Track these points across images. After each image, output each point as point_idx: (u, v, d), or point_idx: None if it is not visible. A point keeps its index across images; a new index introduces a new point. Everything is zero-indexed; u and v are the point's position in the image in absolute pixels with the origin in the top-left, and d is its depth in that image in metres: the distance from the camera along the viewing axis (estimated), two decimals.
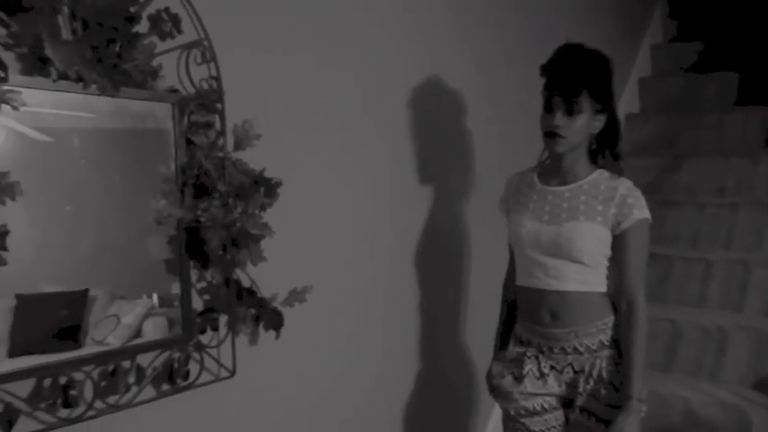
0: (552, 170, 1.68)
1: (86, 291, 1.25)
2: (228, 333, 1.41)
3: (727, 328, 2.59)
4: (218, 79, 1.38)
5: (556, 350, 1.62)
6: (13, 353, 1.12)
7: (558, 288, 1.59)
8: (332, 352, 1.73)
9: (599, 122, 1.59)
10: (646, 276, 2.74)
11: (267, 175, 1.43)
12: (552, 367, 1.63)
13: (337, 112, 1.71)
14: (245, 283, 1.44)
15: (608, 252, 1.59)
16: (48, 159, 1.19)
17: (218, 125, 1.38)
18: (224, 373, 1.42)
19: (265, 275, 1.46)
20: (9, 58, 1.07)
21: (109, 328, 1.27)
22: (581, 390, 1.59)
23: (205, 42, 1.35)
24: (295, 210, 1.54)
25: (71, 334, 1.23)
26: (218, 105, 1.38)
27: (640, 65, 3.91)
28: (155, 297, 1.35)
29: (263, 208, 1.43)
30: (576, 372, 1.60)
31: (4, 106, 1.04)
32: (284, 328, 1.49)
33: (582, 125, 1.56)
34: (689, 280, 2.90)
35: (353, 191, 1.77)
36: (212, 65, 1.37)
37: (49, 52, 1.10)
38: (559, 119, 1.55)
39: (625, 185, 1.57)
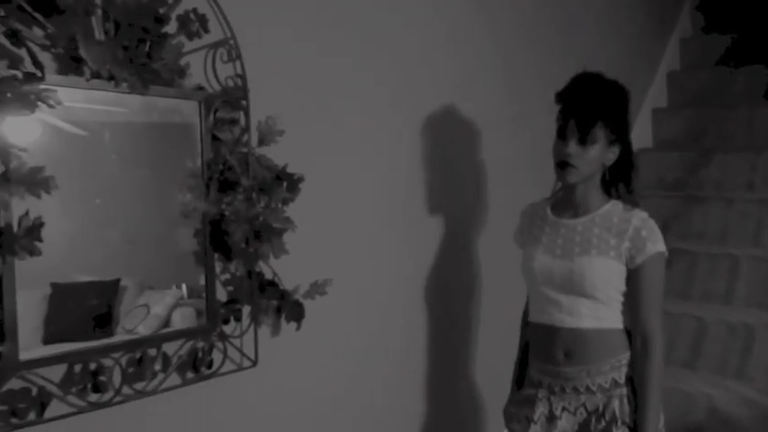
0: (565, 202, 1.63)
1: (118, 281, 1.31)
2: (251, 324, 1.46)
3: (754, 325, 2.55)
4: (243, 77, 1.42)
5: (568, 390, 1.56)
6: (48, 340, 1.18)
7: (571, 325, 1.55)
8: (351, 344, 1.76)
9: (613, 154, 1.55)
10: (674, 275, 2.75)
11: (289, 170, 1.47)
12: (564, 408, 1.57)
13: (358, 110, 1.74)
14: (268, 276, 1.48)
15: (622, 287, 1.54)
16: (80, 153, 1.24)
17: (242, 122, 1.42)
18: (246, 363, 1.46)
19: (287, 268, 1.50)
20: (45, 58, 1.12)
21: (139, 317, 1.32)
22: (593, 430, 1.53)
23: (231, 41, 1.39)
24: (316, 204, 1.57)
25: (103, 322, 1.29)
26: (243, 102, 1.42)
27: (669, 58, 3.85)
28: (183, 288, 1.40)
29: (285, 202, 1.47)
30: (588, 412, 1.55)
31: (40, 104, 1.08)
32: (305, 320, 1.53)
33: (595, 156, 1.52)
34: (715, 276, 2.86)
35: (373, 186, 1.80)
36: (238, 63, 1.41)
37: (82, 52, 1.15)
38: (572, 148, 1.51)
39: (639, 217, 1.52)
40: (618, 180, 1.60)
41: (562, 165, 1.53)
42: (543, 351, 1.61)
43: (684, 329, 2.64)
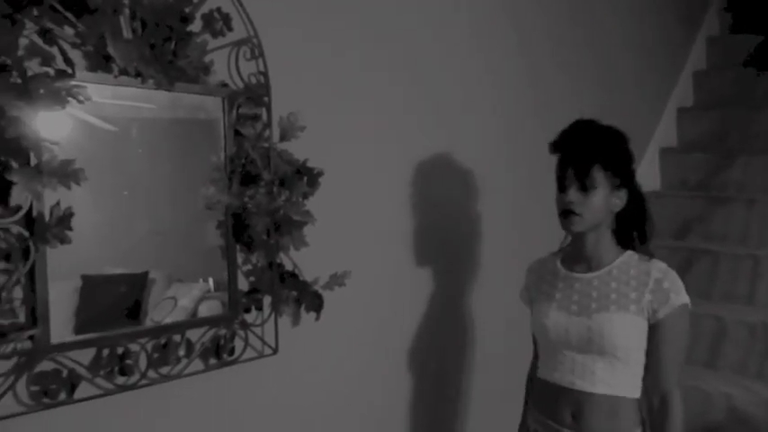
0: (575, 255, 1.56)
1: (146, 273, 1.35)
2: (272, 313, 1.50)
3: None
4: (265, 74, 1.46)
5: None
6: (79, 330, 1.22)
7: (582, 388, 1.46)
8: (368, 335, 1.79)
9: (619, 200, 1.48)
10: (695, 276, 2.74)
11: (309, 165, 1.51)
12: None
13: (376, 108, 1.77)
14: (288, 267, 1.52)
15: (644, 344, 1.45)
16: (109, 148, 1.28)
17: (264, 117, 1.46)
18: (267, 351, 1.51)
19: (307, 260, 1.54)
20: (76, 55, 1.17)
21: (167, 309, 1.36)
22: None
23: (254, 39, 1.44)
24: (335, 198, 1.61)
25: (132, 314, 1.33)
26: (265, 99, 1.46)
27: (695, 58, 3.81)
28: (210, 281, 1.44)
29: (305, 196, 1.51)
30: None
31: (71, 100, 1.14)
32: (324, 311, 1.56)
33: (599, 202, 1.44)
34: (737, 277, 2.85)
35: (390, 181, 1.83)
36: (260, 61, 1.45)
37: (111, 50, 1.20)
38: (573, 195, 1.45)
39: (658, 267, 1.45)
40: (630, 229, 1.53)
41: (565, 214, 1.47)
42: (549, 409, 1.54)
43: (705, 329, 2.63)
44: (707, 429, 2.28)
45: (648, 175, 3.33)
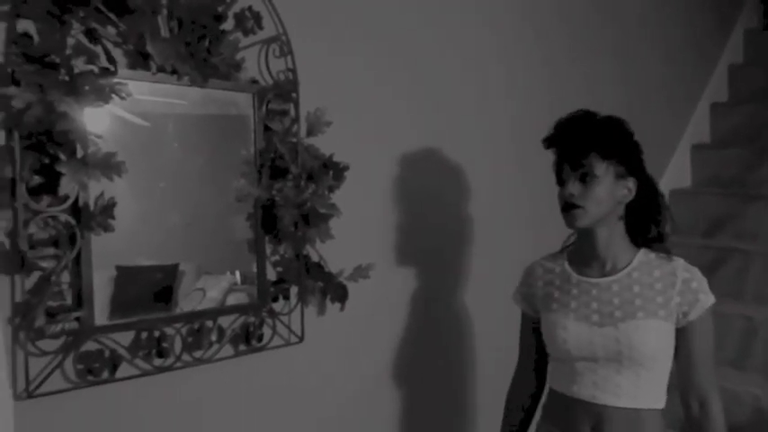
0: (585, 255, 1.43)
1: (177, 265, 1.42)
2: (298, 303, 1.56)
3: None
4: (294, 71, 1.52)
5: None
6: (114, 316, 1.29)
7: (605, 402, 1.34)
8: (392, 326, 1.84)
9: (626, 189, 1.37)
10: (725, 275, 2.70)
11: (335, 159, 1.56)
12: None
13: (401, 102, 1.82)
14: (314, 258, 1.58)
15: (672, 350, 1.36)
16: (145, 142, 1.35)
17: (292, 113, 1.52)
18: (294, 339, 1.57)
19: (332, 252, 1.59)
20: (117, 54, 1.25)
21: (196, 300, 1.43)
22: None
23: (283, 37, 1.50)
24: (360, 192, 1.66)
25: (164, 301, 1.39)
26: (294, 95, 1.52)
27: (731, 51, 3.71)
28: (237, 274, 1.50)
29: (331, 189, 1.56)
30: None
31: (113, 96, 1.21)
32: (348, 301, 1.62)
33: (602, 192, 1.34)
34: None
35: (413, 176, 1.86)
36: (289, 58, 1.51)
37: (150, 48, 1.27)
38: (573, 187, 1.35)
39: (683, 267, 1.36)
40: (644, 223, 1.42)
41: (567, 208, 1.36)
42: (564, 421, 1.42)
43: (734, 329, 2.60)
44: (734, 429, 2.27)
45: (679, 171, 3.30)
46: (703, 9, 3.42)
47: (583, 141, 1.35)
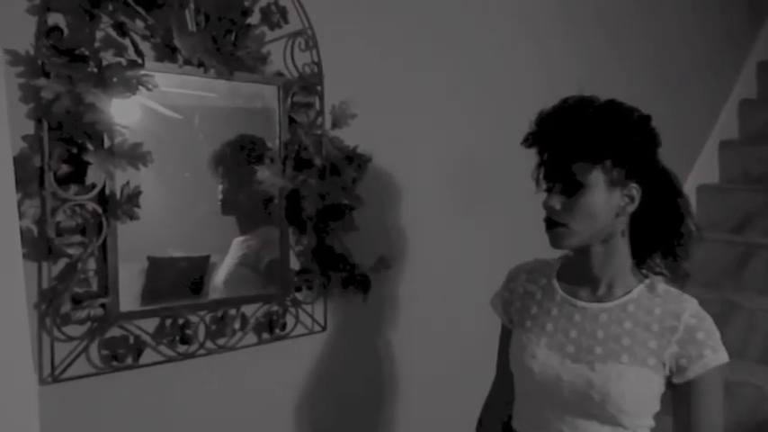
0: (578, 271, 1.18)
1: (208, 257, 1.44)
2: (321, 292, 1.57)
3: None
4: (318, 64, 1.53)
5: None
6: (145, 304, 1.32)
7: None
8: (413, 317, 1.84)
9: (628, 198, 1.09)
10: (752, 271, 2.66)
11: (359, 151, 1.57)
12: None
13: (425, 95, 1.82)
14: (338, 249, 1.59)
15: (657, 407, 1.11)
16: (172, 133, 1.37)
17: (317, 105, 1.53)
18: (316, 328, 1.58)
19: (356, 243, 1.60)
20: (145, 47, 1.27)
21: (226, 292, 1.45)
22: None
23: (309, 31, 1.51)
24: (383, 184, 1.67)
25: (195, 290, 1.41)
26: (319, 88, 1.53)
27: (761, 47, 3.67)
28: None
29: (354, 181, 1.57)
30: None
31: (140, 87, 1.23)
32: (371, 292, 1.63)
33: (592, 206, 1.07)
34: None
35: (436, 168, 1.86)
36: (314, 51, 1.52)
37: (177, 42, 1.29)
38: (554, 199, 1.09)
39: (692, 311, 1.09)
40: (654, 242, 1.15)
41: (548, 224, 1.12)
42: None
43: (761, 325, 2.56)
44: (759, 425, 2.23)
45: (707, 167, 3.26)
46: (734, 5, 3.36)
47: (567, 143, 1.07)
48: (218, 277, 1.43)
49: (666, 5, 2.80)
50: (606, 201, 1.08)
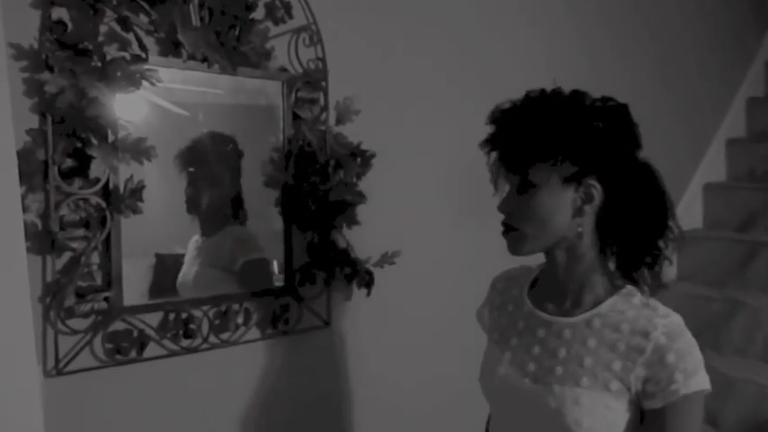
0: (547, 281, 1.09)
1: None
2: (325, 288, 1.57)
3: None
4: (323, 60, 1.53)
5: None
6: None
7: None
8: (417, 312, 1.84)
9: (585, 196, 0.98)
10: (757, 269, 2.65)
11: (362, 147, 1.57)
12: None
13: (428, 91, 1.81)
14: (341, 245, 1.59)
15: None
16: (177, 128, 1.37)
17: (321, 101, 1.53)
18: (320, 323, 1.58)
19: (359, 239, 1.60)
20: (149, 42, 1.27)
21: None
22: None
23: (313, 27, 1.51)
24: (387, 180, 1.66)
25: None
26: (323, 83, 1.53)
27: None
28: (275, 263, 1.53)
29: (358, 177, 1.57)
30: None
31: (144, 82, 1.23)
32: (375, 287, 1.63)
33: (544, 205, 0.97)
34: None
35: (440, 164, 1.86)
36: (318, 47, 1.52)
37: (181, 37, 1.29)
38: (505, 201, 1.02)
39: (664, 327, 0.94)
40: (632, 247, 1.00)
41: (503, 228, 1.04)
42: None
43: (764, 323, 2.55)
44: (761, 423, 2.23)
45: (714, 165, 3.24)
46: (741, 2, 3.35)
47: (513, 142, 0.99)
48: (185, 277, 1.40)
49: (673, 2, 2.78)
50: (559, 200, 0.98)
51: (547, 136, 0.96)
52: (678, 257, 2.94)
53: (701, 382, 0.93)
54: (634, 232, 0.99)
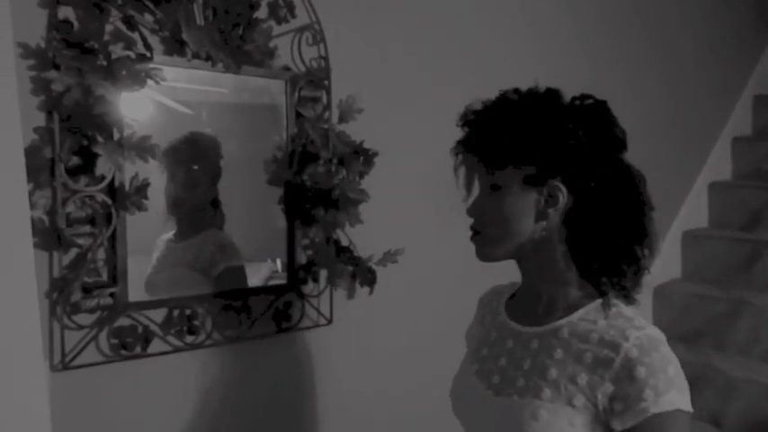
0: (522, 291, 1.06)
1: None
2: (327, 286, 1.59)
3: None
4: (326, 59, 1.54)
5: None
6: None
7: None
8: (420, 310, 1.85)
9: (549, 198, 0.93)
10: (762, 269, 2.64)
11: (365, 146, 1.58)
12: None
13: (432, 90, 1.82)
14: (344, 243, 1.60)
15: None
16: (181, 127, 1.38)
17: (324, 100, 1.54)
18: (322, 321, 1.60)
19: (361, 237, 1.61)
20: (154, 41, 1.29)
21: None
22: None
23: (316, 25, 1.52)
24: (390, 178, 1.67)
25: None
26: (326, 82, 1.54)
27: None
28: (278, 262, 1.54)
29: (361, 175, 1.58)
30: None
31: (148, 80, 1.25)
32: (377, 286, 1.63)
33: (504, 208, 0.94)
34: None
35: (443, 163, 1.86)
36: (321, 45, 1.53)
37: (185, 36, 1.30)
38: (472, 204, 1.01)
39: (637, 339, 0.86)
40: (594, 252, 0.93)
41: (471, 232, 1.02)
42: None
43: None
44: (764, 422, 2.23)
45: (720, 164, 3.24)
46: (747, 1, 3.33)
47: (479, 142, 0.98)
48: (155, 277, 1.36)
49: (677, 0, 2.78)
50: (523, 203, 0.94)
51: (507, 138, 0.93)
52: (682, 256, 2.95)
53: (676, 400, 0.83)
54: (604, 238, 0.92)
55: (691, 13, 2.89)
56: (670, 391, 0.83)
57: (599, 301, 0.94)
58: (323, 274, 1.58)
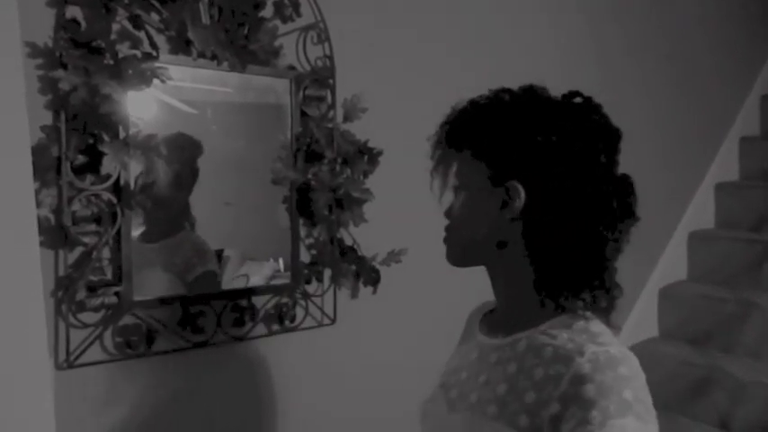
0: (498, 303, 0.98)
1: (222, 251, 1.46)
2: (331, 285, 1.59)
3: None
4: (331, 58, 1.54)
5: None
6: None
7: None
8: (423, 311, 1.84)
9: (500, 200, 0.86)
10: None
11: (370, 145, 1.58)
12: None
13: (437, 89, 1.81)
14: (348, 242, 1.60)
15: None
16: (186, 126, 1.38)
17: (329, 99, 1.55)
18: (326, 320, 1.60)
19: (366, 236, 1.61)
20: (160, 40, 1.29)
21: (240, 285, 1.48)
22: None
23: (321, 25, 1.52)
24: (394, 178, 1.67)
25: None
26: (330, 81, 1.54)
27: None
28: (280, 261, 1.54)
29: (365, 174, 1.58)
30: None
31: (154, 80, 1.25)
32: (381, 285, 1.64)
33: (462, 209, 0.92)
34: None
35: None
36: (326, 45, 1.54)
37: (191, 35, 1.31)
38: (449, 206, 0.97)
39: (593, 354, 0.75)
40: (558, 263, 0.84)
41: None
42: None
43: None
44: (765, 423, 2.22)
45: (727, 164, 3.22)
46: (755, 0, 3.32)
47: (448, 131, 0.98)
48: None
49: (686, 0, 2.77)
50: (479, 203, 0.89)
51: (464, 136, 0.90)
52: (689, 257, 2.93)
53: (631, 429, 0.69)
54: (563, 244, 0.83)
55: (699, 13, 2.88)
56: (626, 416, 0.70)
57: (564, 315, 0.84)
58: (327, 273, 1.58)
